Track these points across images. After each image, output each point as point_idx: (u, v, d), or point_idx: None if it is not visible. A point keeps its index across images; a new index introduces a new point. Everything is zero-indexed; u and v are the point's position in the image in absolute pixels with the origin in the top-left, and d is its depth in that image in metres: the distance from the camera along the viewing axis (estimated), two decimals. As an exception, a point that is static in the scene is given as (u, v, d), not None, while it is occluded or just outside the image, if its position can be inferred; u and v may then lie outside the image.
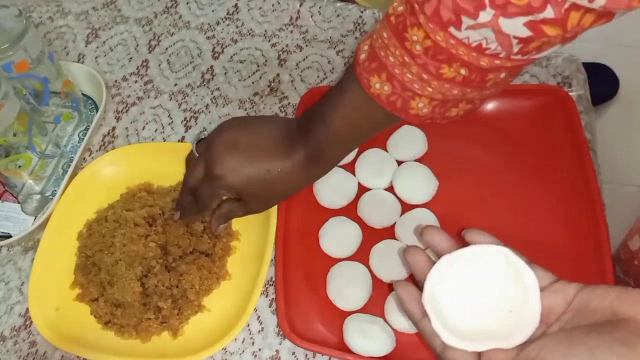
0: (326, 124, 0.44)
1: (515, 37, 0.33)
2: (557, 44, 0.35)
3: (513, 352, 0.33)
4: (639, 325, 0.30)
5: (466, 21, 0.33)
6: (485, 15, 0.32)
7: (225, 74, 0.68)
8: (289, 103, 0.64)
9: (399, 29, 0.37)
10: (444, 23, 0.34)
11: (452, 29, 0.34)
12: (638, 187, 1.22)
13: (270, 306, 0.53)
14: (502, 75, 0.37)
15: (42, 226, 0.57)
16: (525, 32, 0.32)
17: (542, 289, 0.35)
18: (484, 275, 0.37)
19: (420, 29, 0.35)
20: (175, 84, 0.68)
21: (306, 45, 0.69)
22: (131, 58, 0.71)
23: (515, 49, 0.34)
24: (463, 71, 0.36)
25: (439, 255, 0.38)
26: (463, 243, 0.39)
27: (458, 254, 0.37)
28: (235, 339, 0.51)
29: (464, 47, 0.34)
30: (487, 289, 0.36)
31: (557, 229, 0.53)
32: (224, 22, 0.72)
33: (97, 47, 0.72)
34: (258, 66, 0.68)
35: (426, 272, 0.38)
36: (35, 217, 0.59)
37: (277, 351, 0.51)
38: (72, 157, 0.63)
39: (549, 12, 0.31)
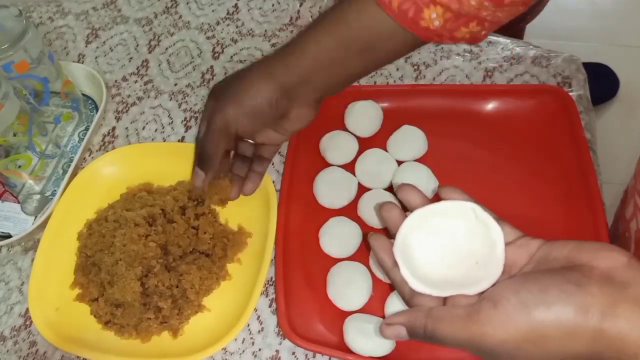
0: (309, 45, 0.46)
1: None
2: None
3: (475, 298, 0.35)
4: (591, 270, 0.32)
5: None
6: None
7: (226, 74, 0.68)
8: (289, 103, 0.64)
9: None
10: None
11: None
12: (638, 187, 1.21)
13: (270, 306, 0.53)
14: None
15: (42, 226, 0.57)
16: None
17: (507, 244, 0.37)
18: (453, 229, 0.38)
19: None
20: (175, 84, 0.68)
21: (306, 45, 0.69)
22: (131, 58, 0.71)
23: None
24: None
25: (412, 211, 0.39)
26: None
27: (429, 208, 0.39)
28: (235, 339, 0.51)
29: None
30: (455, 241, 0.38)
31: (557, 228, 0.53)
32: (224, 22, 0.72)
33: (97, 47, 0.72)
34: (258, 66, 0.68)
35: (399, 225, 0.39)
36: (35, 217, 0.59)
37: (277, 351, 0.51)
38: (72, 157, 0.63)
39: None
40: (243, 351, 0.51)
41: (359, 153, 0.58)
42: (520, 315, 0.32)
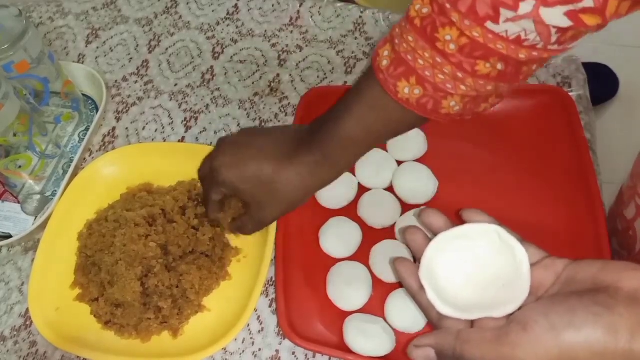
0: (338, 126, 0.43)
1: (554, 27, 0.33)
2: (589, 32, 0.35)
3: (503, 320, 0.35)
4: (617, 291, 0.32)
5: (505, 14, 0.33)
6: (526, 7, 0.32)
7: (226, 74, 0.68)
8: (289, 103, 0.64)
9: (427, 31, 0.37)
10: (480, 18, 0.34)
11: (489, 24, 0.34)
12: (638, 187, 1.22)
13: (270, 306, 0.53)
14: (534, 67, 0.38)
15: (42, 226, 0.57)
16: (566, 22, 0.33)
17: (533, 265, 0.37)
18: (477, 251, 0.38)
19: (453, 28, 0.35)
20: (176, 84, 0.68)
21: (306, 46, 0.69)
22: (131, 58, 0.71)
23: (553, 38, 0.34)
24: (499, 66, 0.36)
25: (436, 235, 0.40)
26: (461, 223, 0.41)
27: (454, 231, 0.39)
28: (236, 339, 0.51)
29: (503, 41, 0.35)
30: (480, 264, 0.38)
31: (557, 228, 0.53)
32: (224, 22, 0.72)
33: (98, 48, 0.72)
34: (258, 66, 0.68)
35: (423, 249, 0.39)
36: (36, 217, 0.59)
37: (277, 351, 0.51)
38: (73, 157, 0.63)
39: (588, 2, 0.31)
40: (243, 351, 0.51)
41: (359, 153, 0.58)
42: (550, 338, 0.32)
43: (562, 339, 0.31)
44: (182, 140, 0.64)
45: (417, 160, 0.57)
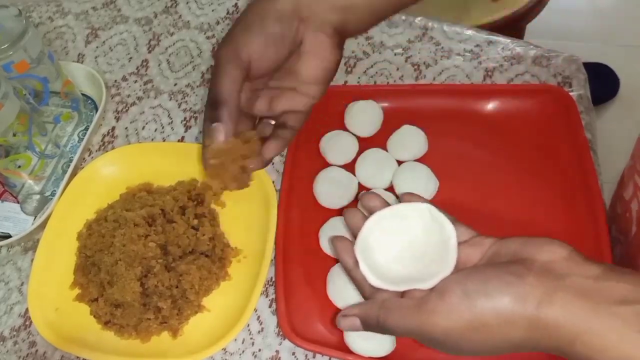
0: None
1: None
2: None
3: (427, 291, 0.37)
4: (532, 262, 0.34)
5: None
6: None
7: (225, 73, 0.68)
8: (289, 103, 0.64)
9: None
10: None
11: None
12: (638, 187, 1.21)
13: (270, 306, 0.53)
14: None
15: (42, 226, 0.56)
16: None
17: (462, 243, 0.39)
18: (410, 228, 0.41)
19: None
20: (175, 84, 0.68)
21: (306, 45, 0.69)
22: (131, 58, 0.70)
23: None
24: None
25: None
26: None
27: (388, 210, 0.41)
28: (235, 339, 0.51)
29: None
30: (412, 240, 0.41)
31: (557, 228, 0.52)
32: (224, 21, 0.72)
33: (97, 47, 0.72)
34: (258, 66, 0.68)
35: (360, 227, 0.42)
36: (35, 217, 0.59)
37: (277, 351, 0.51)
38: (72, 157, 0.62)
39: None
40: (243, 351, 0.51)
41: (359, 153, 0.58)
42: (463, 305, 0.34)
43: (474, 305, 0.33)
44: (182, 140, 0.64)
45: (418, 160, 0.57)
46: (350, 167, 0.57)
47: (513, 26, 1.02)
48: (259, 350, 0.51)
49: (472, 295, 0.34)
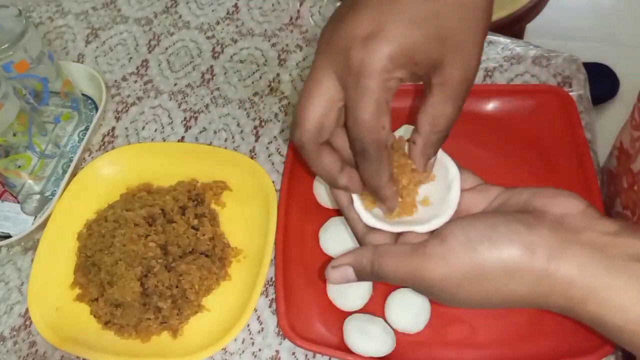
0: None
1: None
2: None
3: (426, 236, 0.34)
4: (544, 214, 0.31)
5: None
6: None
7: (225, 73, 0.68)
8: (289, 103, 0.64)
9: None
10: None
11: None
12: (638, 187, 1.21)
13: (270, 306, 0.53)
14: None
15: (42, 226, 0.56)
16: None
17: (467, 189, 0.36)
18: None
19: None
20: (175, 84, 0.68)
21: (306, 45, 0.69)
22: (131, 58, 0.71)
23: None
24: None
25: None
26: None
27: None
28: (235, 339, 0.51)
29: None
30: None
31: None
32: (223, 21, 0.72)
33: (97, 47, 0.72)
34: (258, 66, 0.68)
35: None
36: (35, 217, 0.59)
37: (277, 351, 0.51)
38: (72, 157, 0.62)
39: None
40: (243, 351, 0.51)
41: (359, 153, 0.58)
42: (464, 251, 0.31)
43: (475, 252, 0.30)
44: (182, 140, 0.64)
45: (417, 160, 0.57)
46: (350, 167, 0.57)
47: (513, 26, 1.02)
48: (259, 350, 0.51)
49: (475, 241, 0.30)
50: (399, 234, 0.36)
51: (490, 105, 0.60)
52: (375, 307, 0.50)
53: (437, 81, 0.32)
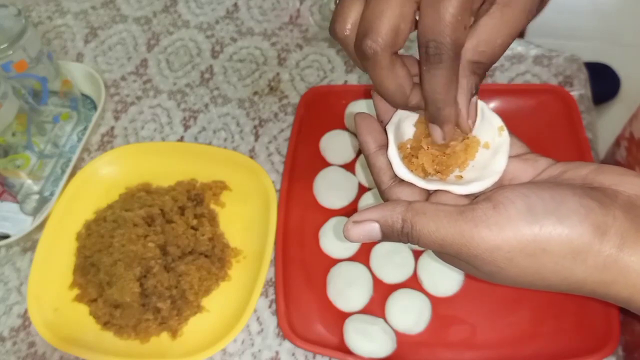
0: None
1: None
2: None
3: (464, 200, 0.30)
4: (616, 194, 0.27)
5: None
6: None
7: (225, 73, 0.67)
8: (288, 102, 0.64)
9: None
10: None
11: None
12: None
13: (270, 307, 0.53)
14: None
15: (41, 226, 0.56)
16: None
17: (513, 156, 0.32)
18: None
19: None
20: (175, 84, 0.68)
21: (306, 44, 0.68)
22: (130, 57, 0.70)
23: None
24: None
25: None
26: None
27: None
28: (235, 340, 0.51)
29: None
30: None
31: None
32: (223, 21, 0.72)
33: (96, 47, 0.72)
34: (257, 65, 0.68)
35: (392, 112, 0.33)
36: (34, 217, 0.59)
37: (276, 352, 0.51)
38: (71, 156, 0.62)
39: None
40: (243, 352, 0.51)
41: (359, 153, 0.58)
42: (524, 223, 0.26)
43: (540, 226, 0.26)
44: (181, 139, 0.63)
45: (418, 160, 0.57)
46: (350, 167, 0.57)
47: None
48: (259, 351, 0.51)
49: (538, 212, 0.26)
50: (429, 194, 0.31)
51: (491, 105, 0.59)
52: (375, 308, 0.50)
53: (502, 1, 0.29)
